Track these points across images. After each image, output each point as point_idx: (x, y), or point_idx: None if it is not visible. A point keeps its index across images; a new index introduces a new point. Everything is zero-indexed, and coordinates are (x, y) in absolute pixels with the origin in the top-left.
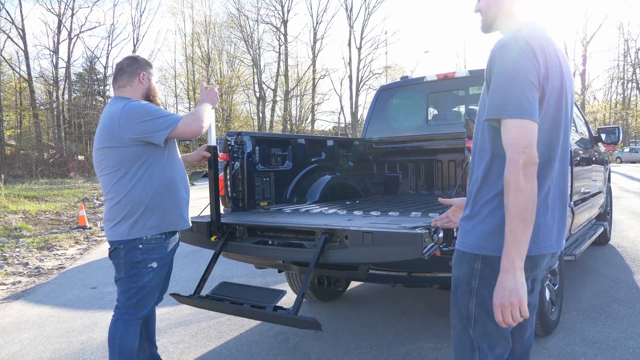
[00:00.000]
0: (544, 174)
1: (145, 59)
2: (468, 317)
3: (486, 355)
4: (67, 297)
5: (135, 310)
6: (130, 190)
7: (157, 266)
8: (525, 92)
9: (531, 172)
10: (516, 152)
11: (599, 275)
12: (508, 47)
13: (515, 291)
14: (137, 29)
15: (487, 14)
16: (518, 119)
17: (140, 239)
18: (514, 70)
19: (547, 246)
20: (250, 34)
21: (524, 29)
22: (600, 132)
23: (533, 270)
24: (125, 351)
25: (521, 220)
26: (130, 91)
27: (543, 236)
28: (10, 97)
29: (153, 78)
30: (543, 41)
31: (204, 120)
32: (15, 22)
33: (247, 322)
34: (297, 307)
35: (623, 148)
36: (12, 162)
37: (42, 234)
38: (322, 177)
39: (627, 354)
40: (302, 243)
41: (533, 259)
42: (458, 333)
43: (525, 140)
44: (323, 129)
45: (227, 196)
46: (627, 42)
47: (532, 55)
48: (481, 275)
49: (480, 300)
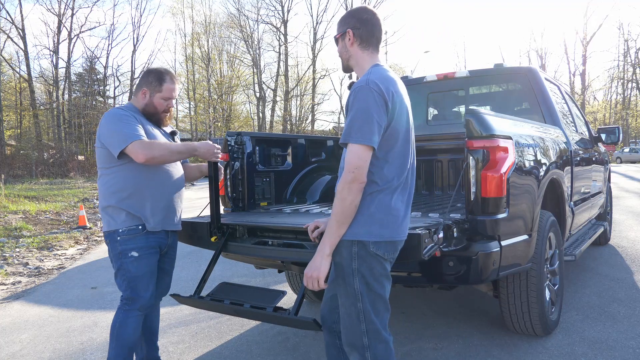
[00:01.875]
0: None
1: (160, 73)
2: (355, 294)
3: (373, 322)
4: (67, 297)
5: (131, 301)
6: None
7: (138, 255)
8: (366, 125)
9: (354, 188)
10: (348, 171)
11: (599, 275)
12: (362, 89)
13: (320, 268)
14: (137, 29)
15: (342, 59)
16: (357, 145)
17: (117, 230)
18: (364, 108)
19: (404, 233)
20: (250, 34)
21: (373, 74)
22: (600, 132)
23: (394, 252)
24: (123, 340)
25: (336, 221)
26: (135, 101)
27: (403, 225)
28: (10, 97)
29: (158, 95)
30: (388, 82)
31: (164, 153)
32: (15, 22)
33: (247, 322)
34: (297, 308)
35: (623, 148)
36: (12, 162)
37: (42, 234)
38: (322, 177)
39: (627, 354)
40: (302, 243)
41: (394, 244)
42: (347, 309)
43: (357, 162)
44: (323, 129)
45: (227, 196)
46: (627, 42)
47: (379, 96)
48: (359, 256)
49: (361, 276)
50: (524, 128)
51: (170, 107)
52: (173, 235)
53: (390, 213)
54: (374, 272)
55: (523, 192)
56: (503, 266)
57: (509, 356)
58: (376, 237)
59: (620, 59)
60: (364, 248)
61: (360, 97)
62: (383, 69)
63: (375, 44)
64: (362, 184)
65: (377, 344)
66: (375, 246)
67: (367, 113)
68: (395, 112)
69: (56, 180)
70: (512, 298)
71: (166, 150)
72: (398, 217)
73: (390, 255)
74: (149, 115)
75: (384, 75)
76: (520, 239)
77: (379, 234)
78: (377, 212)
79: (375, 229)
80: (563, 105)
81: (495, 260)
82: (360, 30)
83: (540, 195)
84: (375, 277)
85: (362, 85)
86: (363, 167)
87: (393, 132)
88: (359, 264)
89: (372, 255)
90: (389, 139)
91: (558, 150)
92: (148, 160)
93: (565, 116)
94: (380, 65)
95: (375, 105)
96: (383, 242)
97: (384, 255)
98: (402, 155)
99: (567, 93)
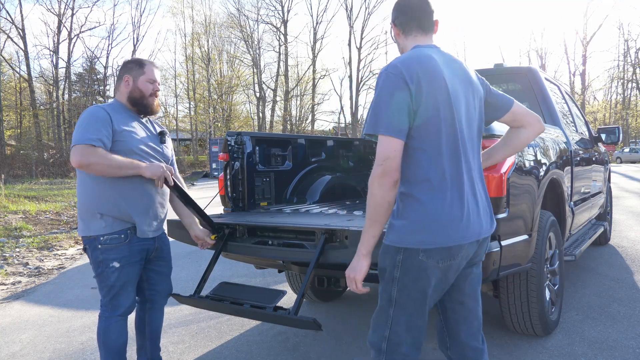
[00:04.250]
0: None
1: (138, 59)
2: (390, 300)
3: (398, 335)
4: (67, 297)
5: (111, 308)
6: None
7: (120, 265)
8: (388, 113)
9: (384, 182)
10: (376, 164)
11: (599, 275)
12: (381, 75)
13: (356, 269)
14: (137, 29)
15: (397, 44)
16: (382, 136)
17: (97, 237)
18: (381, 95)
19: (463, 237)
20: (250, 34)
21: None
22: (600, 132)
23: (450, 259)
24: (110, 347)
25: (369, 219)
26: (119, 95)
27: (456, 228)
28: (10, 97)
29: (142, 77)
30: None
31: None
32: (15, 22)
33: (247, 322)
34: (297, 307)
35: (623, 148)
36: (12, 162)
37: (42, 234)
38: (322, 177)
39: (627, 354)
40: (302, 243)
41: (449, 250)
42: (378, 311)
43: (385, 154)
44: (323, 129)
45: (227, 196)
46: (627, 42)
47: (397, 79)
48: (402, 265)
49: (401, 287)
50: None
51: (156, 90)
52: (159, 238)
53: (440, 215)
54: (418, 284)
55: (523, 192)
56: (503, 266)
57: (509, 356)
58: (427, 244)
59: (620, 59)
60: (411, 257)
61: (379, 84)
62: (418, 49)
63: (416, 26)
64: (394, 178)
65: (393, 355)
66: (426, 254)
67: (386, 100)
68: (423, 95)
69: (56, 180)
70: (512, 298)
71: (104, 160)
72: (452, 219)
73: (444, 263)
74: (136, 102)
75: (413, 55)
76: (520, 238)
77: (430, 240)
78: (426, 214)
79: (424, 235)
80: (563, 105)
81: (495, 260)
82: (400, 19)
83: (540, 195)
84: (419, 290)
85: (381, 71)
86: (392, 159)
87: (425, 117)
88: (401, 274)
89: (419, 265)
90: (422, 127)
91: (558, 150)
92: (81, 166)
93: (565, 116)
94: (421, 45)
95: (393, 90)
96: (435, 249)
97: (438, 264)
98: (447, 144)
99: (567, 93)
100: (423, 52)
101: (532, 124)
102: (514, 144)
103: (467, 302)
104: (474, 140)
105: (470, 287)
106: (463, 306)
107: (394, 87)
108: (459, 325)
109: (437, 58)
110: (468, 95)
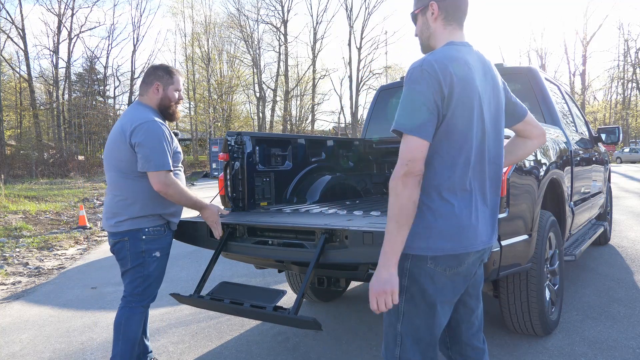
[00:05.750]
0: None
1: (167, 67)
2: (397, 313)
3: (407, 351)
4: (67, 297)
5: (141, 298)
6: (135, 187)
7: (160, 255)
8: (416, 113)
9: (409, 182)
10: (401, 164)
11: (599, 275)
12: (414, 71)
13: (390, 281)
14: (137, 29)
15: (421, 38)
16: (409, 135)
17: (142, 230)
18: (413, 93)
19: (472, 245)
20: (250, 34)
21: (435, 53)
22: (600, 132)
23: (458, 266)
24: (129, 337)
25: (395, 222)
26: (147, 99)
27: (466, 236)
28: (10, 97)
29: (172, 87)
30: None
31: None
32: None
33: (247, 322)
34: (297, 307)
35: (623, 148)
36: (12, 162)
37: (42, 234)
38: (322, 177)
39: (627, 354)
40: (302, 243)
41: (457, 257)
42: (386, 327)
43: (410, 154)
44: (323, 129)
45: (227, 196)
46: (627, 42)
47: (431, 78)
48: (410, 273)
49: (409, 297)
50: None
51: (181, 99)
52: None
53: (450, 221)
54: (426, 294)
55: (523, 192)
56: (503, 266)
57: (509, 356)
58: (435, 250)
59: (620, 59)
60: (419, 264)
61: (411, 79)
62: (453, 47)
63: (460, 18)
64: (418, 177)
65: None
66: (434, 262)
67: (416, 99)
68: (453, 101)
69: (56, 180)
70: (512, 298)
71: (178, 195)
72: (462, 225)
73: (451, 271)
74: (164, 109)
75: (448, 54)
76: (520, 238)
77: (439, 247)
78: (436, 220)
79: (433, 241)
80: (563, 105)
81: (495, 260)
82: (447, 2)
83: (540, 195)
84: (427, 301)
85: (415, 66)
86: (417, 159)
87: (449, 124)
88: (409, 283)
89: (428, 273)
90: (443, 132)
91: (558, 150)
92: (160, 192)
93: (565, 116)
94: (456, 43)
95: (426, 89)
96: (443, 257)
97: (445, 271)
98: (464, 152)
99: (567, 93)
100: (459, 55)
101: (539, 137)
102: (519, 153)
103: (468, 302)
104: (494, 149)
105: (472, 287)
106: (465, 306)
107: (428, 86)
108: (460, 325)
109: (471, 62)
110: (494, 103)
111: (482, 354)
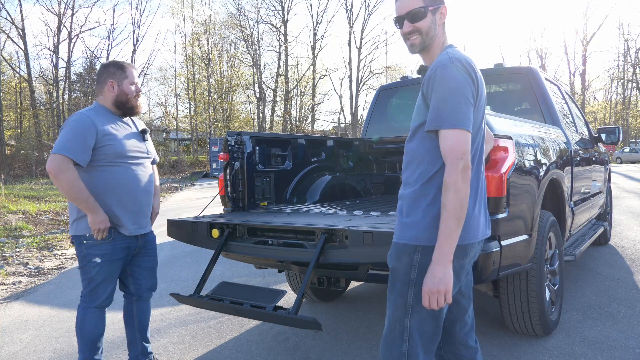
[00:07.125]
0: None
1: (117, 63)
2: (405, 307)
3: (416, 346)
4: (67, 297)
5: (90, 299)
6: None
7: (101, 261)
8: (462, 106)
9: (467, 176)
10: (456, 158)
11: (599, 275)
12: (448, 67)
13: (444, 280)
14: (137, 29)
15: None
16: (457, 129)
17: (84, 235)
18: (455, 87)
19: (475, 235)
20: (250, 34)
21: (454, 53)
22: (600, 132)
23: (464, 258)
24: (85, 336)
25: (456, 218)
26: (102, 99)
27: (471, 227)
28: (10, 97)
29: (126, 81)
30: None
31: (64, 187)
32: (15, 22)
33: (247, 322)
34: (297, 307)
35: (623, 148)
36: (12, 162)
37: (42, 234)
38: (322, 177)
39: (627, 354)
40: (302, 243)
41: (464, 248)
42: (392, 323)
43: (463, 147)
44: (323, 129)
45: (227, 196)
46: (627, 42)
47: (467, 75)
48: (420, 266)
49: (417, 290)
50: (524, 128)
51: (139, 91)
52: (145, 235)
53: None
54: None
55: (523, 192)
56: (503, 266)
57: (509, 356)
58: None
59: (620, 59)
60: (429, 255)
61: (449, 75)
62: (458, 50)
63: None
64: (470, 170)
65: None
66: None
67: (459, 92)
68: (479, 96)
69: None
70: (512, 298)
71: (68, 187)
72: (469, 215)
73: (458, 262)
74: (122, 105)
75: (464, 55)
76: (520, 238)
77: None
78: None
79: None
80: (563, 105)
81: (495, 260)
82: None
83: (540, 195)
84: None
85: (446, 63)
86: (468, 152)
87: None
88: (418, 275)
89: None
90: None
91: (558, 150)
92: (50, 174)
93: (565, 116)
94: (454, 47)
95: (466, 84)
96: None
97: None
98: (477, 145)
99: (567, 93)
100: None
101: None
102: None
103: (461, 302)
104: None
105: (465, 286)
106: (458, 305)
107: (466, 82)
108: (454, 324)
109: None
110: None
111: (475, 352)
